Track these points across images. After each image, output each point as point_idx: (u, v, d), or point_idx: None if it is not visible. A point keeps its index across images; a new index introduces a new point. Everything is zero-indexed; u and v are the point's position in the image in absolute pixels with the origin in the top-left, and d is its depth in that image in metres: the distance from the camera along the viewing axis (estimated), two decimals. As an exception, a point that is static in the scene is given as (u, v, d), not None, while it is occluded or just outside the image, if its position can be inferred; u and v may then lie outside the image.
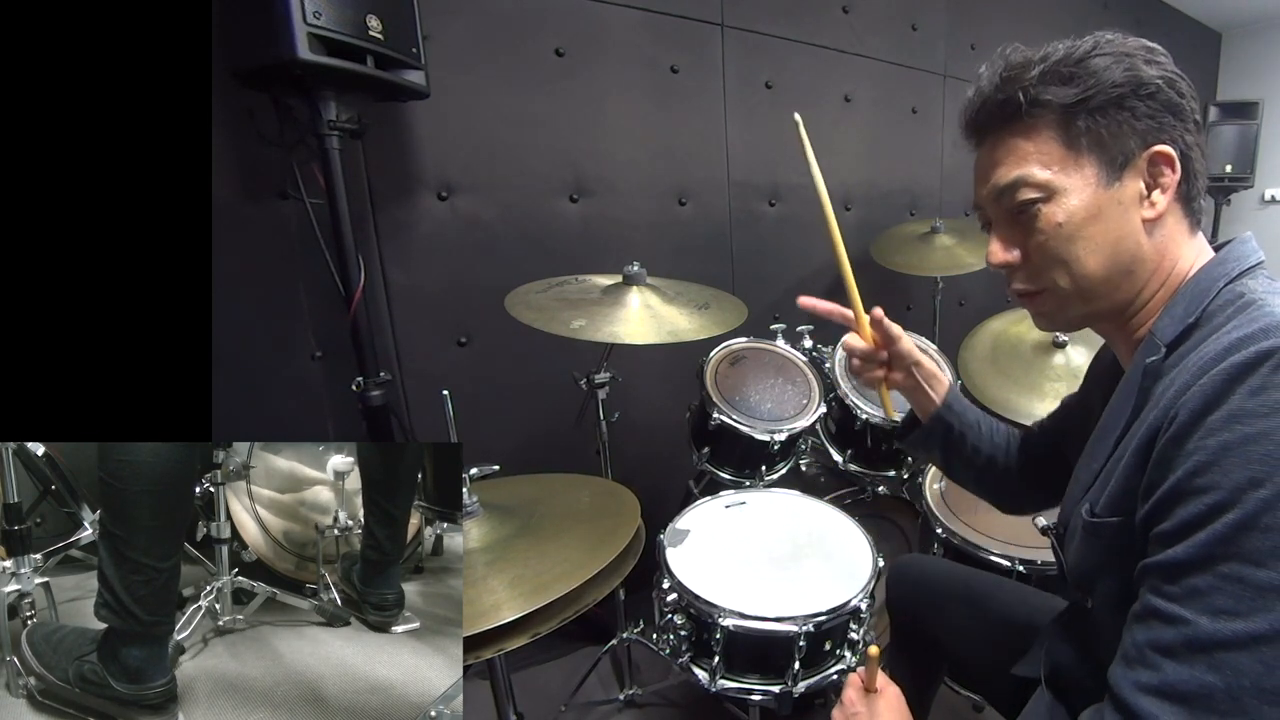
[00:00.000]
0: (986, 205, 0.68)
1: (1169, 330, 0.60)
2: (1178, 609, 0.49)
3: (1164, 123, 0.59)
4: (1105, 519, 0.60)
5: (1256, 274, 0.60)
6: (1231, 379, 0.49)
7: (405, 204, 1.55)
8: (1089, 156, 0.60)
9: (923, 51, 2.47)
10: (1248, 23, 3.86)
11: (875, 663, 0.77)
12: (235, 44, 1.11)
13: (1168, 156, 0.60)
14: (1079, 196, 0.61)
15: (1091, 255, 0.62)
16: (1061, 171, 0.61)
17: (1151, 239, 0.62)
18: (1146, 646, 0.51)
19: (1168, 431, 0.52)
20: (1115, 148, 0.60)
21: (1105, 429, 0.66)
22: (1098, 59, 0.59)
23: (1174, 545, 0.50)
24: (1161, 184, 0.60)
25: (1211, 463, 0.48)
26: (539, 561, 0.82)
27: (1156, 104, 0.59)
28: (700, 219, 2.01)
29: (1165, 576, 0.51)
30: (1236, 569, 0.46)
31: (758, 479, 1.52)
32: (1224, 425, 0.48)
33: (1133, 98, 0.59)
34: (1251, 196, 3.86)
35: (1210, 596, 0.47)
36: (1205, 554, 0.48)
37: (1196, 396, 0.50)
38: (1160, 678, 0.49)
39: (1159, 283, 0.63)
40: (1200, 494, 0.48)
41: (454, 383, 1.64)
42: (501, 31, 1.59)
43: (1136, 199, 0.61)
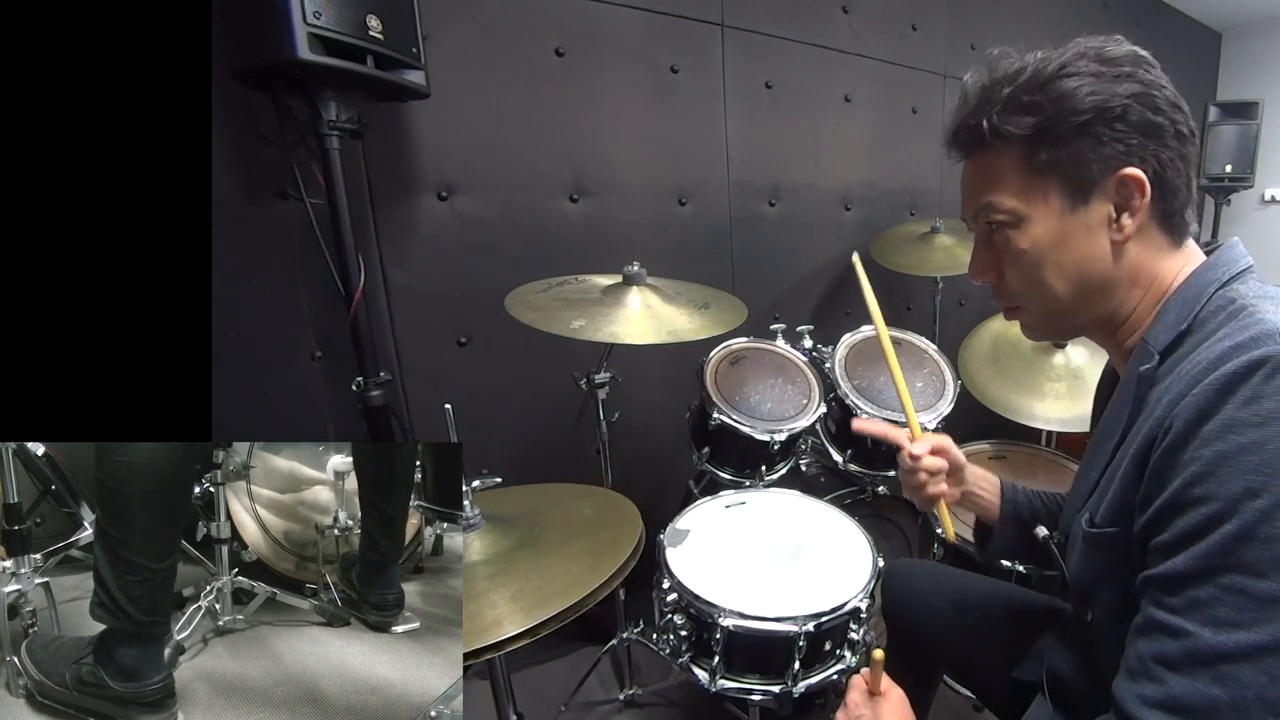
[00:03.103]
0: (968, 221, 0.70)
1: (1162, 337, 0.60)
2: (1180, 621, 0.49)
3: (1132, 146, 0.58)
4: (1105, 529, 0.60)
5: (1246, 278, 0.60)
6: (1224, 389, 0.49)
7: (405, 204, 1.55)
8: (1053, 183, 0.60)
9: (923, 51, 2.47)
10: (1248, 23, 3.86)
11: (879, 665, 0.76)
12: (235, 44, 1.11)
13: (1137, 179, 0.58)
14: (1043, 224, 0.61)
15: (1058, 280, 0.62)
16: (1026, 199, 0.62)
17: (1121, 261, 0.62)
18: (1150, 659, 0.51)
19: (1163, 442, 0.52)
20: (1079, 174, 0.59)
21: (1102, 436, 0.66)
22: (1064, 81, 0.58)
23: (1174, 557, 0.50)
24: (1131, 206, 0.60)
25: (1207, 473, 0.48)
26: (540, 575, 0.83)
27: (1126, 126, 0.58)
28: (700, 219, 2.01)
29: (1166, 588, 0.51)
30: (1237, 580, 0.46)
31: (758, 479, 1.52)
32: (1218, 435, 0.48)
33: (1098, 123, 0.58)
34: (1251, 196, 3.85)
35: (1212, 608, 0.47)
36: (1205, 565, 0.48)
37: (1190, 407, 0.50)
38: (1165, 691, 0.49)
39: (1140, 295, 0.63)
40: (1197, 505, 0.48)
41: (454, 383, 1.66)
42: (501, 31, 1.59)
43: (1105, 222, 0.60)
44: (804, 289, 2.31)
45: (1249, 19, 3.82)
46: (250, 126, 1.26)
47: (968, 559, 1.29)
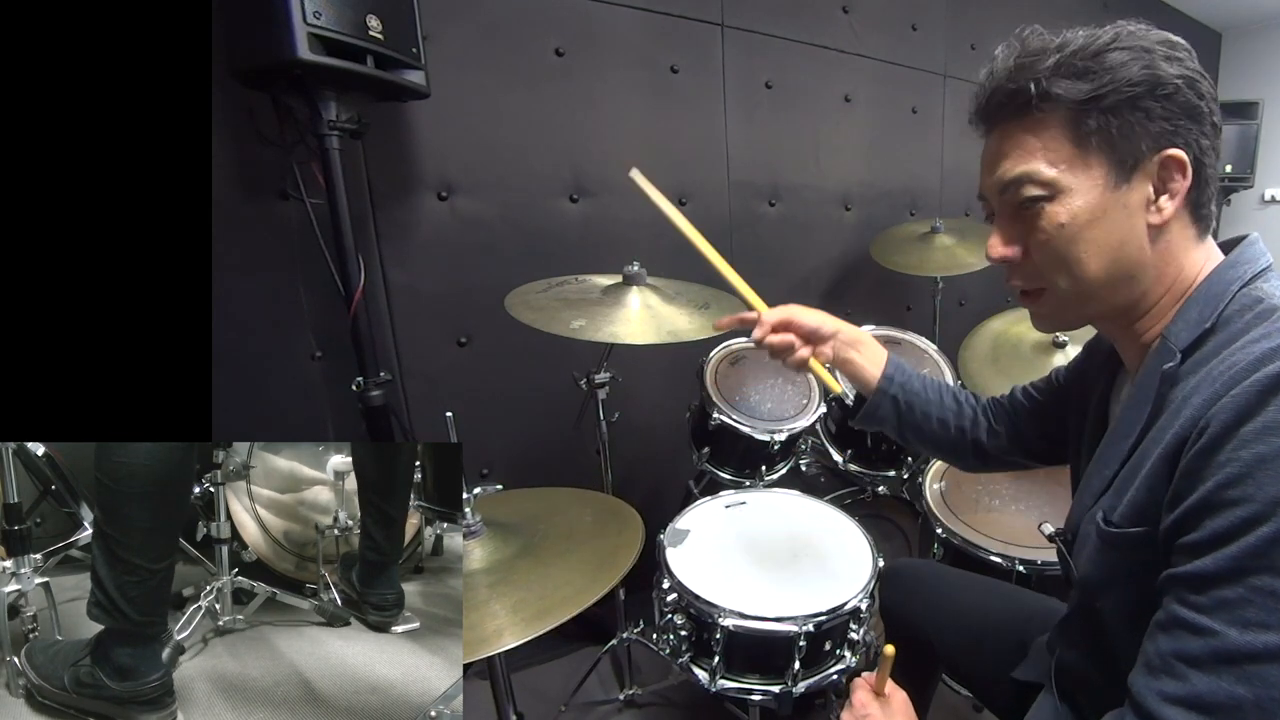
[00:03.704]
0: (990, 196, 0.66)
1: (1184, 335, 0.59)
2: (1206, 620, 0.49)
3: (1179, 126, 0.57)
4: (1125, 529, 0.59)
5: (1269, 277, 0.59)
6: (1266, 390, 0.48)
7: (405, 204, 1.55)
8: (1097, 156, 0.58)
9: (923, 51, 2.47)
10: (1248, 23, 3.86)
11: (889, 662, 0.75)
12: (235, 44, 1.11)
13: (1180, 161, 0.57)
14: (1084, 197, 0.59)
15: (1093, 258, 0.60)
16: (1068, 170, 0.59)
17: (1155, 245, 0.60)
18: (1172, 656, 0.50)
19: (1198, 443, 0.51)
20: (1126, 149, 0.58)
21: (1117, 434, 0.64)
22: (1116, 53, 0.57)
23: (1203, 556, 0.49)
24: (1171, 189, 0.58)
25: (1245, 475, 0.47)
26: (541, 584, 0.83)
27: (1173, 106, 0.57)
28: (700, 219, 1.97)
29: (1193, 587, 0.50)
30: (1269, 582, 0.46)
31: (758, 479, 1.52)
32: (1258, 437, 0.47)
33: (1148, 98, 0.56)
34: (1251, 196, 3.86)
35: (1240, 609, 0.47)
36: (1236, 566, 0.47)
37: (1229, 408, 0.49)
38: (1187, 688, 0.49)
39: (1163, 288, 0.62)
40: (1233, 506, 0.48)
41: (454, 383, 1.66)
42: (501, 31, 1.59)
43: (1143, 203, 0.59)
44: (804, 289, 2.31)
45: (1249, 19, 3.82)
46: (250, 126, 1.26)
47: (968, 559, 1.29)
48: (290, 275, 1.41)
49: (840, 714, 0.78)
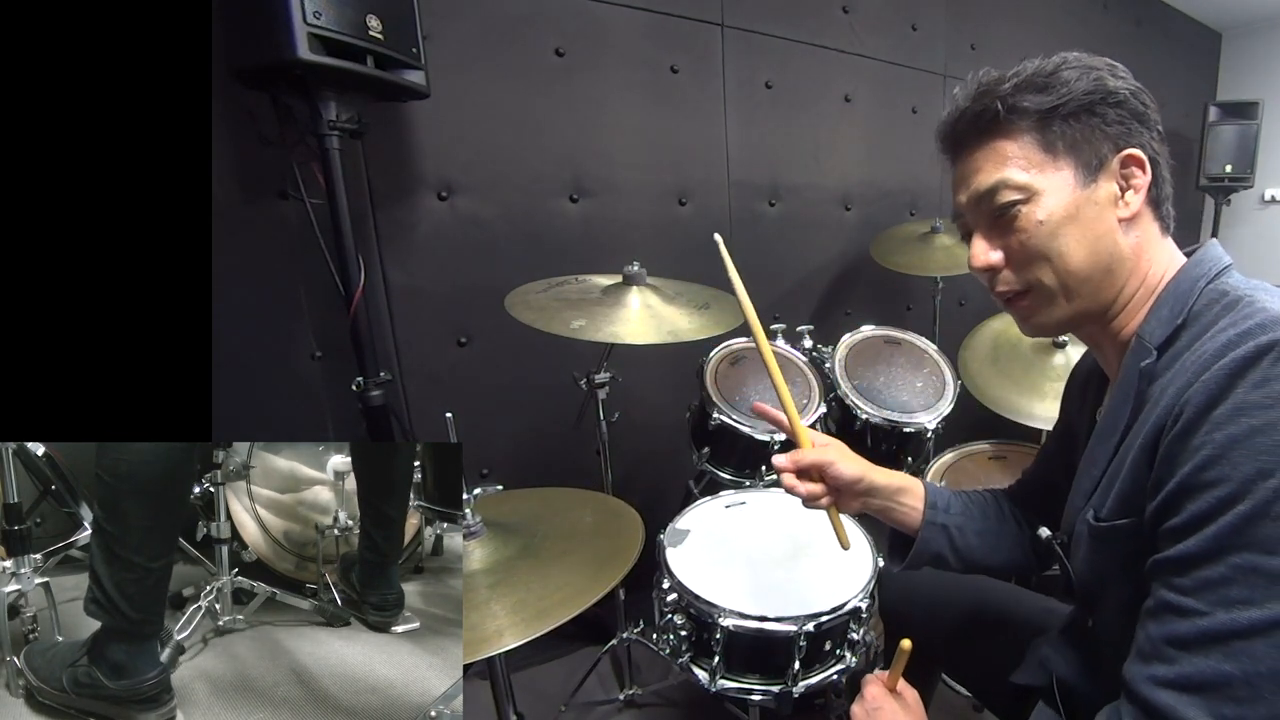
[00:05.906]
0: (967, 212, 0.69)
1: (1158, 332, 0.62)
2: (1191, 601, 0.50)
3: (1133, 128, 0.63)
4: (1113, 522, 0.61)
5: (1231, 274, 0.63)
6: (1234, 374, 0.50)
7: (405, 204, 1.55)
8: (1066, 159, 0.63)
9: (923, 51, 2.47)
10: (1248, 23, 3.86)
11: (905, 656, 0.73)
12: (235, 44, 1.11)
13: (1138, 159, 0.63)
14: (1057, 196, 0.63)
15: (1074, 250, 0.63)
16: (1040, 173, 0.63)
17: (1128, 238, 0.64)
18: (1161, 640, 0.52)
19: (1173, 428, 0.53)
20: (1089, 151, 0.63)
21: (1103, 434, 0.67)
22: (1067, 71, 0.63)
23: (1185, 539, 0.51)
24: (1134, 185, 0.63)
25: (1219, 456, 0.49)
26: (541, 585, 0.83)
27: (1125, 111, 0.63)
28: (700, 219, 2.01)
29: (1177, 570, 0.51)
30: (1249, 559, 0.47)
31: (758, 479, 1.52)
32: (1229, 419, 0.49)
33: (1103, 104, 0.62)
34: (1251, 196, 3.85)
35: (1223, 587, 0.48)
36: (1216, 546, 0.49)
37: (1200, 392, 0.51)
38: (1176, 670, 0.50)
39: (1138, 282, 0.65)
40: (1209, 487, 0.49)
41: (454, 383, 1.66)
42: (501, 31, 1.59)
43: (1111, 200, 0.63)
44: (804, 289, 2.31)
45: (1249, 19, 3.81)
46: (250, 126, 1.26)
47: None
48: (290, 275, 1.41)
49: (850, 708, 0.78)
